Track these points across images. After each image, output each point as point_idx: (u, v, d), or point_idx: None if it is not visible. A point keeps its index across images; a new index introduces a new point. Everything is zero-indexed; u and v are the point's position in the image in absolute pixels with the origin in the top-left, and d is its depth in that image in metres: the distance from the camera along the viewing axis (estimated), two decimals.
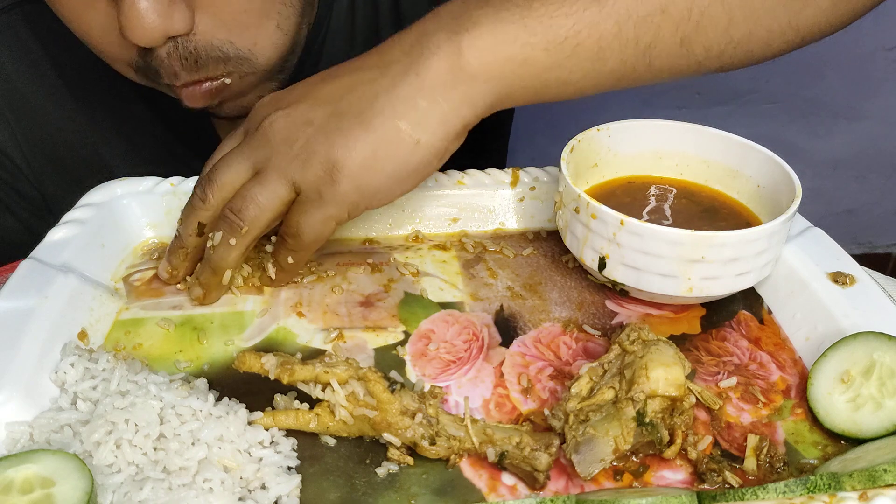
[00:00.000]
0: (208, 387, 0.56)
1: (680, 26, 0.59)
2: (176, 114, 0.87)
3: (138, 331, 0.63)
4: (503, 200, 0.76)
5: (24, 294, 0.60)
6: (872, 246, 2.02)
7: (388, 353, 0.61)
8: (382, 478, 0.51)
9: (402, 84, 0.58)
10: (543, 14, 0.58)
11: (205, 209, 0.63)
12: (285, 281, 0.68)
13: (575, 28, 0.58)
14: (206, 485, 0.48)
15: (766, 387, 0.59)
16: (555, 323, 0.65)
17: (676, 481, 0.51)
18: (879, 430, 0.52)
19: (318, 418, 0.53)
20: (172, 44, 0.66)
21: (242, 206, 0.60)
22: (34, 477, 0.45)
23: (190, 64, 0.68)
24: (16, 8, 0.83)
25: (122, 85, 0.85)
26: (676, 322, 0.65)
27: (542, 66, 0.59)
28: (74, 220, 0.69)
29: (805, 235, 0.68)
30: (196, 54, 0.67)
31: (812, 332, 0.61)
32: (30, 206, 0.90)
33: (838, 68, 1.69)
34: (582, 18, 0.58)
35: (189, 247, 0.65)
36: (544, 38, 0.58)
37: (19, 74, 0.84)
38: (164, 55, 0.67)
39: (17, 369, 0.54)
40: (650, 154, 0.73)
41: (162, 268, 0.67)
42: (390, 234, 0.75)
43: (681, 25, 0.59)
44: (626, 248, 0.61)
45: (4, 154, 0.86)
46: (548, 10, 0.58)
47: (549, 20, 0.58)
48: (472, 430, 0.52)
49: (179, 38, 0.66)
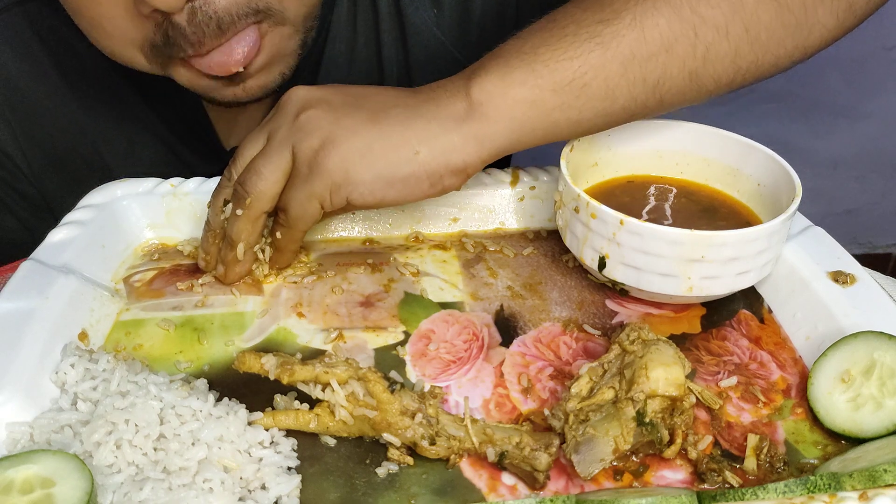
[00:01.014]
0: (208, 387, 0.56)
1: (687, 63, 0.61)
2: (177, 114, 0.88)
3: (139, 331, 0.63)
4: (503, 200, 0.76)
5: (25, 295, 0.60)
6: (872, 246, 2.01)
7: (388, 353, 0.61)
8: (382, 478, 0.51)
9: (423, 108, 0.62)
10: (549, 59, 0.60)
11: (228, 185, 0.66)
12: (281, 262, 0.69)
13: (581, 70, 0.60)
14: (206, 485, 0.48)
15: (766, 386, 0.59)
16: (555, 323, 0.65)
17: (676, 481, 0.51)
18: (880, 429, 0.52)
19: (318, 418, 0.53)
20: (190, 7, 0.65)
21: (247, 177, 0.63)
22: (34, 477, 0.45)
23: (212, 28, 0.67)
24: (17, 7, 0.83)
25: (123, 85, 0.85)
26: (676, 322, 0.65)
27: (552, 107, 0.61)
28: (75, 221, 0.69)
29: (805, 234, 0.68)
30: (217, 17, 0.66)
31: (812, 331, 0.61)
32: (30, 205, 0.90)
33: (839, 68, 1.69)
34: (587, 61, 0.60)
35: (217, 227, 0.67)
36: (551, 80, 0.60)
37: (20, 74, 0.84)
38: (185, 23, 0.66)
39: (18, 370, 0.54)
40: (650, 153, 0.73)
41: (199, 258, 0.69)
42: (390, 234, 0.75)
43: (687, 62, 0.61)
44: (626, 248, 0.61)
45: (5, 153, 0.86)
46: (553, 54, 0.60)
47: (555, 64, 0.60)
48: (472, 430, 0.52)
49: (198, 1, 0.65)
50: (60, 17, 0.83)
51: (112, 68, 0.84)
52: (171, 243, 0.74)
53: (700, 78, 0.62)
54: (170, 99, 0.86)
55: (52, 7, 0.83)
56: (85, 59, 0.84)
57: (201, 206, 0.73)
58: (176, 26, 0.66)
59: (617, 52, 0.60)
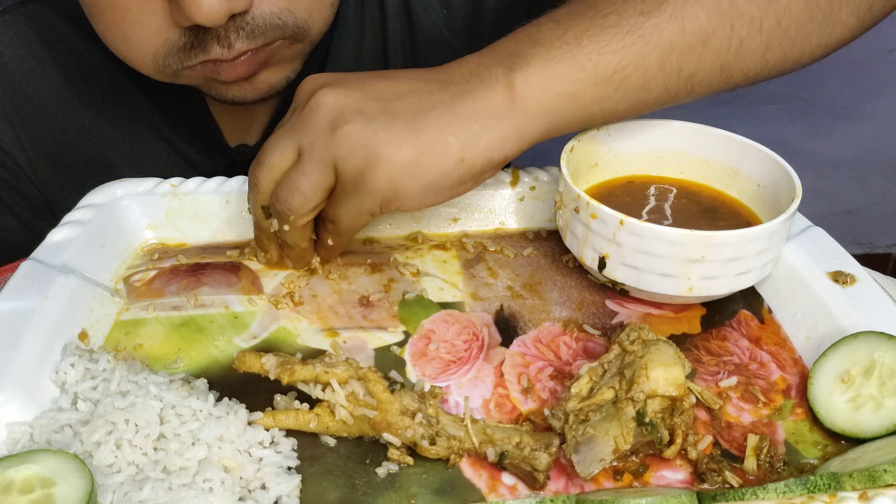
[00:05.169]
0: (208, 387, 0.56)
1: (720, 56, 0.61)
2: (180, 112, 0.88)
3: (139, 331, 0.63)
4: (503, 200, 0.76)
5: (25, 295, 0.60)
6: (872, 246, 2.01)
7: (388, 353, 0.61)
8: (382, 478, 0.51)
9: (459, 104, 0.60)
10: (592, 51, 0.60)
11: (259, 192, 0.64)
12: (329, 258, 0.70)
13: (622, 63, 0.60)
14: (206, 485, 0.48)
15: (766, 386, 0.59)
16: (555, 323, 0.65)
17: (676, 481, 0.51)
18: (879, 429, 0.52)
19: (318, 418, 0.53)
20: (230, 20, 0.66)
21: (287, 195, 0.62)
22: (34, 477, 0.45)
23: (247, 34, 0.68)
24: (19, 7, 0.83)
25: (126, 84, 0.85)
26: (676, 322, 0.65)
27: (591, 100, 0.61)
28: (75, 220, 0.69)
29: (805, 235, 0.68)
30: (253, 26, 0.68)
31: (812, 331, 0.61)
32: (32, 206, 0.90)
33: (839, 69, 1.69)
34: (629, 53, 0.60)
35: (267, 229, 0.67)
36: (593, 73, 0.60)
37: (23, 74, 0.84)
38: (222, 29, 0.67)
39: (18, 370, 0.54)
40: (650, 154, 0.73)
41: (259, 257, 0.70)
42: (390, 234, 0.75)
43: (721, 55, 0.61)
44: (626, 248, 0.61)
45: (7, 154, 0.86)
46: (596, 46, 0.60)
47: (598, 57, 0.60)
48: (472, 430, 0.52)
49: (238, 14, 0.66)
50: (63, 18, 0.83)
51: (115, 68, 0.84)
52: (171, 243, 0.74)
53: (730, 71, 0.63)
54: (173, 98, 0.86)
55: (54, 8, 0.84)
56: (87, 59, 0.84)
57: (201, 205, 0.74)
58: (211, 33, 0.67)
59: (657, 44, 0.60)
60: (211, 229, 0.74)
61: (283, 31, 0.70)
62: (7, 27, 0.83)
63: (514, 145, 0.61)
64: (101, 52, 0.76)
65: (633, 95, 0.62)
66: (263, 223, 0.66)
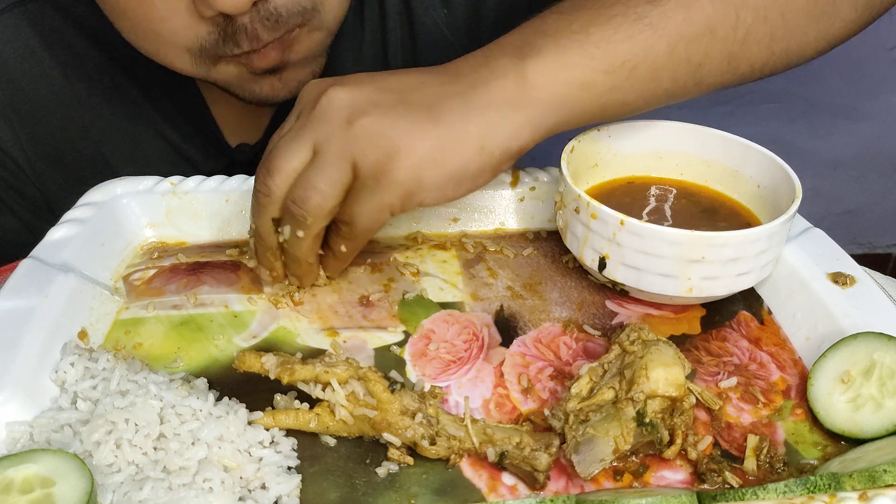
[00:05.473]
0: (208, 386, 0.56)
1: (727, 45, 0.61)
2: (180, 111, 0.88)
3: (138, 330, 0.63)
4: (503, 200, 0.76)
5: (24, 293, 0.60)
6: (872, 246, 2.01)
7: (388, 352, 0.61)
8: (382, 478, 0.51)
9: (473, 94, 0.59)
10: (601, 39, 0.60)
11: (272, 202, 0.61)
12: (337, 270, 0.67)
13: (631, 52, 0.60)
14: (206, 485, 0.48)
15: (766, 387, 0.59)
16: (555, 323, 0.65)
17: (676, 481, 0.51)
18: (879, 430, 0.52)
19: (318, 418, 0.53)
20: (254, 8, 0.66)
21: (304, 195, 0.59)
22: (34, 477, 0.45)
23: (272, 23, 0.68)
24: (17, 7, 0.83)
25: (125, 83, 0.85)
26: (676, 322, 0.65)
27: (602, 90, 0.61)
28: (74, 219, 0.69)
29: (805, 236, 0.68)
30: (277, 13, 0.68)
31: (812, 332, 0.61)
32: (31, 206, 0.90)
33: (839, 68, 1.69)
34: (638, 41, 0.60)
35: (274, 245, 0.64)
36: (604, 61, 0.60)
37: (22, 74, 0.84)
38: (247, 20, 0.67)
39: (18, 369, 0.54)
40: (650, 154, 0.73)
41: (262, 274, 0.67)
42: (390, 234, 0.75)
43: (728, 44, 0.61)
44: (627, 249, 0.61)
45: (7, 154, 0.86)
46: (605, 34, 0.60)
47: (608, 45, 0.59)
48: (472, 430, 0.52)
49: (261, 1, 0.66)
50: (62, 17, 0.83)
51: (115, 67, 0.84)
52: (171, 242, 0.73)
53: (737, 60, 0.63)
54: (173, 97, 0.86)
55: (53, 7, 0.84)
56: (87, 58, 0.84)
57: (201, 204, 0.73)
58: (238, 25, 0.67)
59: (664, 33, 0.60)
60: (211, 228, 0.74)
61: (303, 17, 0.70)
62: (6, 26, 0.83)
63: (529, 134, 0.61)
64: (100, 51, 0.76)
65: (644, 86, 0.61)
66: (270, 237, 0.63)
